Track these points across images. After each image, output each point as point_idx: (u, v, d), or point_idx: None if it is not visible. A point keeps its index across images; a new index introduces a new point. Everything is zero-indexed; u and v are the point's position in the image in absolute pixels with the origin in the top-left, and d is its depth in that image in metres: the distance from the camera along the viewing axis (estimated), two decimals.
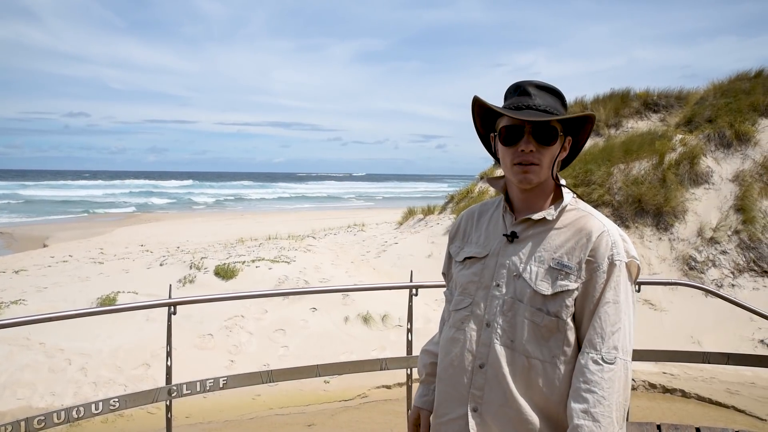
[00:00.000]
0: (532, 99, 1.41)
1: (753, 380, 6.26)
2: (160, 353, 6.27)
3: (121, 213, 34.19)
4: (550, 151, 1.41)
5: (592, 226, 1.40)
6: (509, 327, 1.40)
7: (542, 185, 1.46)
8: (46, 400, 5.67)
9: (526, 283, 1.39)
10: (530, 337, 1.37)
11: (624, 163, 10.04)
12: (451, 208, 12.72)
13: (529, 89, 1.43)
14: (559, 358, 1.37)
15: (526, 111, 1.39)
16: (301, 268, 9.06)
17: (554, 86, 1.46)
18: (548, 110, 1.40)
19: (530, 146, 1.39)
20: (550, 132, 1.40)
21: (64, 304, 7.43)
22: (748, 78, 11.56)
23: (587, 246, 1.37)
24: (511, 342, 1.39)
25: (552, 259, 1.39)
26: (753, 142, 9.77)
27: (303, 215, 29.78)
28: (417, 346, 3.81)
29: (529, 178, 1.41)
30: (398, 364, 3.75)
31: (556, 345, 1.37)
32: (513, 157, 1.42)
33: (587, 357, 1.33)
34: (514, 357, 1.38)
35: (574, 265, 1.37)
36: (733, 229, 8.56)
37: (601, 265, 1.36)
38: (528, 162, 1.40)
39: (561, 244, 1.40)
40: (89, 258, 12.50)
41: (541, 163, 1.41)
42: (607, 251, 1.36)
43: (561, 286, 1.36)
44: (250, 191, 62.61)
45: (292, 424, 5.67)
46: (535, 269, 1.40)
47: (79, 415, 2.85)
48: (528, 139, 1.39)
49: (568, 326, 1.37)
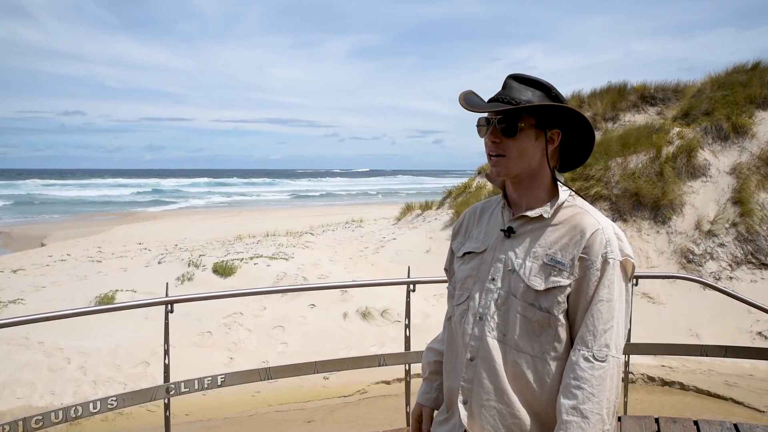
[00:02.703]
0: (506, 91, 1.42)
1: (751, 372, 6.28)
2: (159, 351, 6.27)
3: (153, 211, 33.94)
4: (517, 143, 1.41)
5: (586, 223, 1.40)
6: (502, 321, 1.41)
7: (532, 181, 1.46)
8: (46, 399, 5.67)
9: (520, 278, 1.40)
10: (522, 331, 1.38)
11: (621, 157, 10.04)
12: (449, 204, 12.72)
13: (509, 81, 1.44)
14: (549, 354, 1.37)
15: (494, 103, 1.41)
16: (299, 264, 9.06)
17: (538, 79, 1.45)
18: (515, 102, 1.39)
19: (492, 138, 1.42)
20: (513, 123, 1.39)
21: (63, 303, 7.42)
22: (745, 70, 11.54)
23: (581, 243, 1.37)
24: (503, 336, 1.40)
25: (546, 255, 1.39)
26: (750, 134, 9.77)
27: (301, 212, 29.76)
28: (415, 342, 3.82)
29: (496, 169, 1.43)
30: (397, 359, 3.76)
31: (546, 341, 1.38)
32: (485, 148, 1.46)
33: (578, 354, 1.33)
34: (506, 351, 1.39)
35: (568, 262, 1.37)
36: (730, 222, 8.57)
37: (594, 262, 1.36)
38: (494, 153, 1.42)
39: (555, 240, 1.41)
40: (87, 257, 12.49)
41: (508, 154, 1.41)
42: (601, 249, 1.36)
43: (553, 282, 1.36)
44: (249, 189, 62.57)
45: (292, 420, 5.68)
46: (529, 265, 1.40)
47: (77, 414, 2.85)
48: (492, 130, 1.42)
49: (559, 322, 1.37)
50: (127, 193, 51.56)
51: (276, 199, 47.50)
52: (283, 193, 56.86)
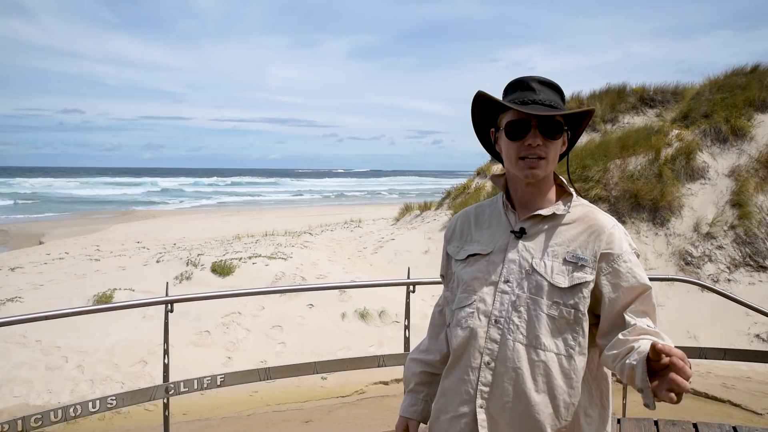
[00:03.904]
0: (537, 94, 1.44)
1: (749, 375, 6.29)
2: (156, 350, 6.26)
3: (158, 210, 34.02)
4: (555, 145, 1.45)
5: (602, 220, 1.45)
6: (522, 322, 1.40)
7: (545, 181, 1.50)
8: (43, 398, 5.66)
9: (542, 277, 1.41)
10: (546, 330, 1.39)
11: (620, 159, 10.06)
12: (448, 204, 12.72)
13: (533, 84, 1.46)
14: (575, 350, 1.39)
15: (532, 106, 1.43)
16: (297, 264, 9.06)
17: (555, 82, 1.50)
18: (552, 105, 1.44)
19: (537, 140, 1.42)
20: (556, 126, 1.43)
21: (61, 301, 7.41)
22: (743, 73, 11.57)
23: (601, 238, 1.42)
24: (525, 337, 1.40)
25: (567, 252, 1.42)
26: (749, 137, 9.79)
27: (299, 211, 29.74)
28: (414, 343, 3.81)
29: (536, 172, 1.44)
30: (395, 360, 3.76)
31: (572, 337, 1.39)
32: (518, 151, 1.44)
33: (639, 320, 1.38)
34: (529, 352, 1.39)
35: (590, 258, 1.40)
36: (729, 224, 8.58)
37: (621, 255, 1.41)
38: (535, 156, 1.43)
39: (573, 237, 1.43)
40: (85, 255, 12.46)
41: (548, 156, 1.44)
42: (624, 242, 1.43)
43: (578, 278, 1.39)
44: (248, 189, 62.50)
45: (290, 420, 5.67)
46: (549, 263, 1.42)
47: (77, 413, 2.85)
48: (535, 134, 1.42)
49: (584, 317, 1.40)
50: (130, 192, 51.28)
51: (282, 199, 47.14)
52: (282, 192, 56.80)
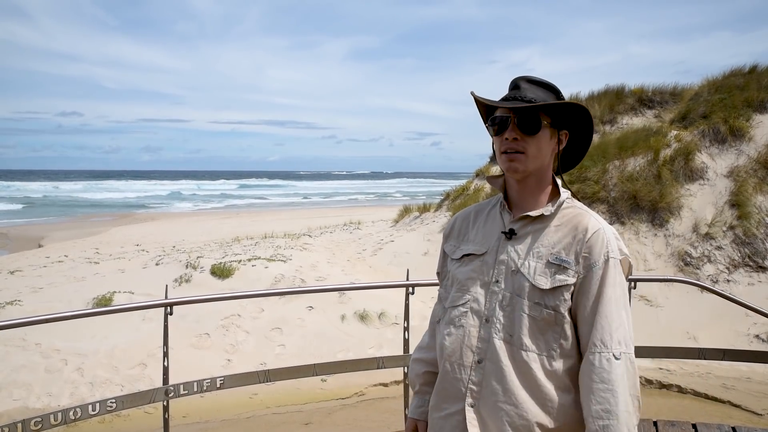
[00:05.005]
0: (521, 91, 1.48)
1: (749, 375, 6.30)
2: (156, 353, 6.26)
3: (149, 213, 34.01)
4: (536, 141, 1.45)
5: (588, 223, 1.44)
6: (508, 322, 1.42)
7: (539, 181, 1.50)
8: (43, 401, 5.65)
9: (525, 278, 1.42)
10: (528, 331, 1.40)
11: (619, 160, 10.07)
12: (447, 206, 12.72)
13: (521, 83, 1.50)
14: (556, 351, 1.40)
15: (511, 102, 1.46)
16: (297, 266, 9.05)
17: (546, 81, 1.52)
18: (533, 101, 1.45)
19: (513, 134, 1.45)
20: (534, 121, 1.44)
21: (60, 304, 7.40)
22: (742, 74, 11.59)
23: (583, 242, 1.41)
24: (509, 336, 1.41)
25: (550, 254, 1.42)
26: (747, 137, 9.80)
27: (298, 213, 29.74)
28: (414, 344, 3.81)
29: (515, 165, 1.46)
30: (395, 362, 3.75)
31: (553, 338, 1.40)
32: (500, 145, 1.48)
33: (598, 356, 1.35)
34: (513, 351, 1.40)
35: (572, 260, 1.41)
36: (728, 225, 8.59)
37: (597, 262, 1.40)
38: (513, 150, 1.45)
39: (558, 240, 1.44)
40: (85, 258, 12.46)
41: (526, 151, 1.45)
42: (603, 249, 1.41)
43: (560, 281, 1.40)
44: (246, 191, 62.48)
45: (290, 422, 5.67)
46: (533, 264, 1.43)
47: (76, 416, 2.84)
48: (513, 128, 1.45)
49: (565, 320, 1.40)
50: (131, 196, 51.17)
51: (289, 201, 46.95)
52: (281, 194, 56.76)
